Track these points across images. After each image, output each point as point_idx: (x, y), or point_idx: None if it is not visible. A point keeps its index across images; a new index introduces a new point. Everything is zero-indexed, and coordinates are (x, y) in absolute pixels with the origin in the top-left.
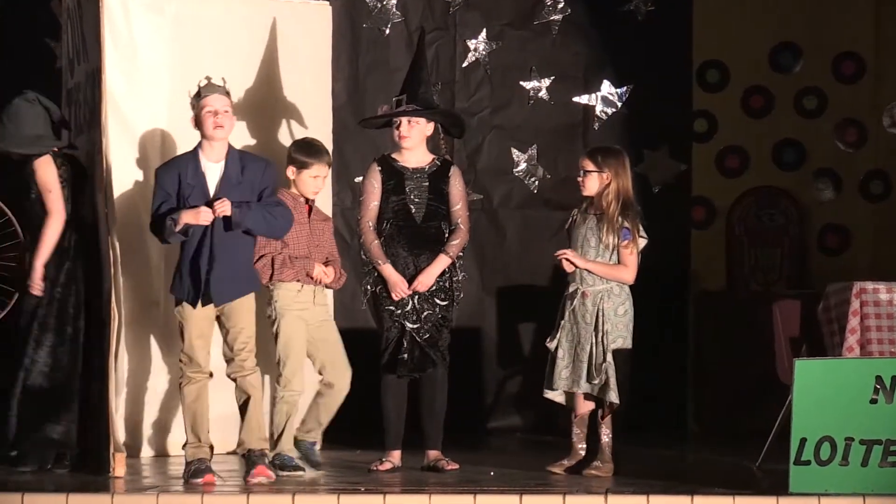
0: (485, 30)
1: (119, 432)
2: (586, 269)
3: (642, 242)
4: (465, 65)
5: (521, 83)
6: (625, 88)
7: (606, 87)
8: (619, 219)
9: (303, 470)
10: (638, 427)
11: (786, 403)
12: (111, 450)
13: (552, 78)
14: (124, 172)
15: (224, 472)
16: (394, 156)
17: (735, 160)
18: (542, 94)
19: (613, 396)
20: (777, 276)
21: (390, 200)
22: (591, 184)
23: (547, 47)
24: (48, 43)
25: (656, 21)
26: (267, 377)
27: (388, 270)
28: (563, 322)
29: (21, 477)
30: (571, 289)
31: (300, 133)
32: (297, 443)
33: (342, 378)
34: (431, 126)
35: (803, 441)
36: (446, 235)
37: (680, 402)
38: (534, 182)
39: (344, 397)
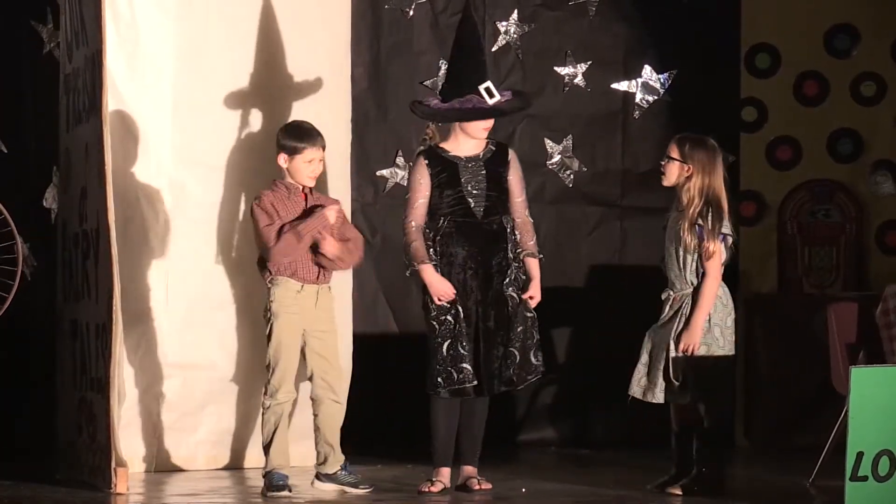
0: (516, 10)
1: (120, 445)
2: (700, 324)
3: (727, 240)
4: (494, 49)
5: (556, 68)
6: (667, 74)
7: (648, 73)
8: (698, 217)
9: (289, 490)
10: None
11: (841, 415)
12: (112, 464)
13: (589, 63)
14: (125, 163)
15: (224, 488)
16: (442, 146)
17: (787, 151)
18: (578, 80)
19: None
20: (833, 278)
21: (445, 194)
22: (671, 172)
23: (583, 29)
24: (34, 26)
25: (702, 1)
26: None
27: (428, 273)
28: (654, 326)
29: (17, 492)
30: (664, 296)
31: (318, 121)
32: (332, 476)
33: (330, 393)
34: None
35: (860, 455)
36: (507, 231)
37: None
38: (569, 175)
39: (342, 413)
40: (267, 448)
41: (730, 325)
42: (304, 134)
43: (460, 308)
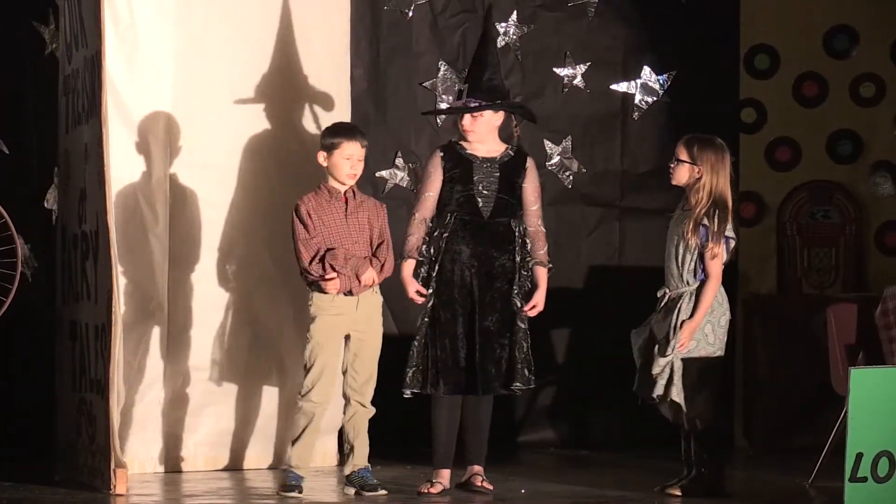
0: (515, 11)
1: (120, 446)
2: (698, 323)
3: (729, 243)
4: None
5: (555, 70)
6: (667, 75)
7: (647, 74)
8: (704, 217)
9: (299, 492)
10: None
11: (841, 416)
12: (112, 466)
13: (588, 64)
14: (124, 164)
15: (224, 489)
16: (462, 143)
17: (786, 153)
18: (578, 81)
19: (674, 394)
20: (832, 279)
21: (455, 190)
22: (680, 174)
23: (583, 31)
24: (36, 27)
25: (701, 2)
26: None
27: (405, 269)
28: (648, 325)
29: (15, 493)
30: (659, 293)
31: (318, 122)
32: (350, 476)
33: (355, 394)
34: (501, 115)
35: (859, 456)
36: (515, 234)
37: (726, 414)
38: (568, 176)
39: (365, 415)
40: (292, 444)
41: (723, 324)
42: (342, 129)
43: (441, 312)
